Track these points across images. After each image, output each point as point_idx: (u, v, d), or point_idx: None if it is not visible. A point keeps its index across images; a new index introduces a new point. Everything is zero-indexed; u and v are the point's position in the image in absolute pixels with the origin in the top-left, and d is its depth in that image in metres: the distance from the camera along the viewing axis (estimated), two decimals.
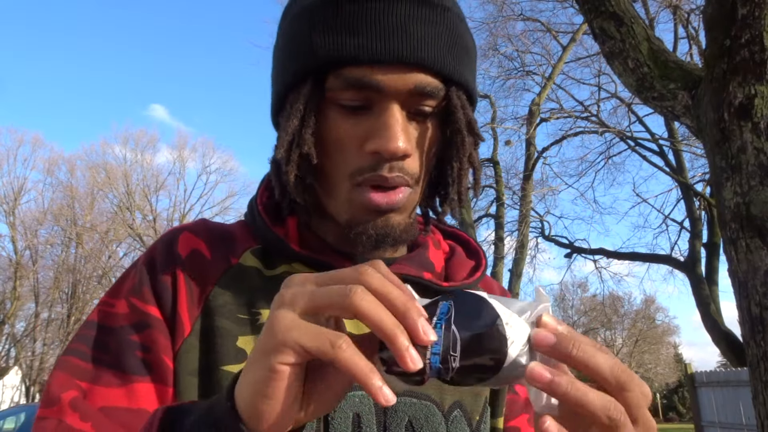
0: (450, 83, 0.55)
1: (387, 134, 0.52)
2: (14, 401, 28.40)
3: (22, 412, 6.97)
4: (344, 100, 0.53)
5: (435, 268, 0.64)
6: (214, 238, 0.61)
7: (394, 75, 0.52)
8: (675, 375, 38.25)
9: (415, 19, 0.52)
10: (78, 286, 29.61)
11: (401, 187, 0.55)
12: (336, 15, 0.52)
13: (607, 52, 3.46)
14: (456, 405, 0.58)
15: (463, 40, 0.56)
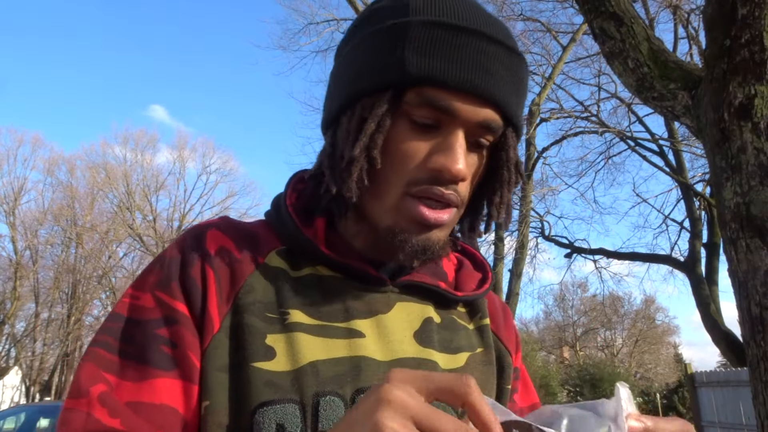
0: (509, 123, 0.59)
1: (452, 156, 0.55)
2: (14, 401, 28.40)
3: (22, 412, 6.97)
4: (417, 116, 0.57)
5: (448, 278, 0.68)
6: (241, 237, 0.62)
7: (469, 105, 0.55)
8: (675, 375, 38.25)
9: (499, 62, 0.56)
10: (78, 286, 29.61)
11: (450, 208, 0.58)
12: (431, 39, 0.56)
13: (607, 52, 3.46)
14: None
15: (525, 88, 0.61)
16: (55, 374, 30.13)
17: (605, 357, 37.37)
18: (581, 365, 30.55)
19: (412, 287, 0.64)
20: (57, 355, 29.95)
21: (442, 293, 0.64)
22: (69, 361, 30.62)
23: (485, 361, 0.66)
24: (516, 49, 0.59)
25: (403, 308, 0.62)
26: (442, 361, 0.62)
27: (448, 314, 0.66)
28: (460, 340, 0.65)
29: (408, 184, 0.57)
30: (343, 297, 0.60)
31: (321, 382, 0.54)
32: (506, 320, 0.73)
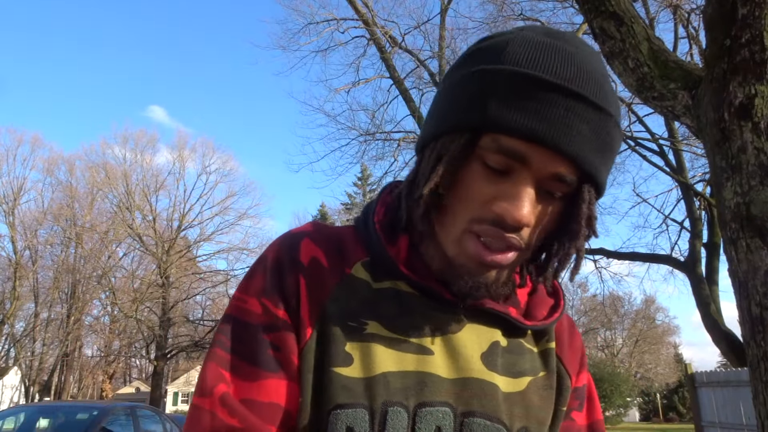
0: (586, 178, 0.60)
1: (517, 203, 0.58)
2: (14, 401, 28.39)
3: (21, 412, 6.96)
4: (490, 161, 0.59)
5: (520, 304, 0.70)
6: (331, 246, 0.67)
7: (543, 157, 0.57)
8: (675, 375, 38.24)
9: (580, 118, 0.57)
10: (78, 286, 29.60)
11: (511, 251, 0.60)
12: (514, 90, 0.58)
13: (607, 52, 3.46)
14: (522, 430, 0.63)
15: (612, 146, 0.61)
16: (55, 374, 30.13)
17: (605, 357, 37.36)
18: None
19: (482, 312, 0.66)
20: (56, 355, 29.95)
21: (511, 321, 0.67)
22: (68, 361, 30.63)
23: (546, 386, 0.68)
24: (606, 108, 0.59)
25: (473, 330, 0.65)
26: (503, 384, 0.64)
27: (517, 338, 0.69)
28: (524, 364, 0.67)
29: (471, 221, 0.60)
30: (417, 314, 0.63)
31: (390, 392, 0.58)
32: (572, 340, 0.74)
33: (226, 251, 28.08)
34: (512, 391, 0.64)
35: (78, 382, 33.48)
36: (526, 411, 0.64)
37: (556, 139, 0.56)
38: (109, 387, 33.39)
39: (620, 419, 29.04)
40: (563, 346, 0.72)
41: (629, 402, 29.74)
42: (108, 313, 31.79)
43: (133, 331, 30.28)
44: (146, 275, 28.59)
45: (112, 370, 34.27)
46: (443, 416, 0.59)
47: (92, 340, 33.54)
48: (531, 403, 0.65)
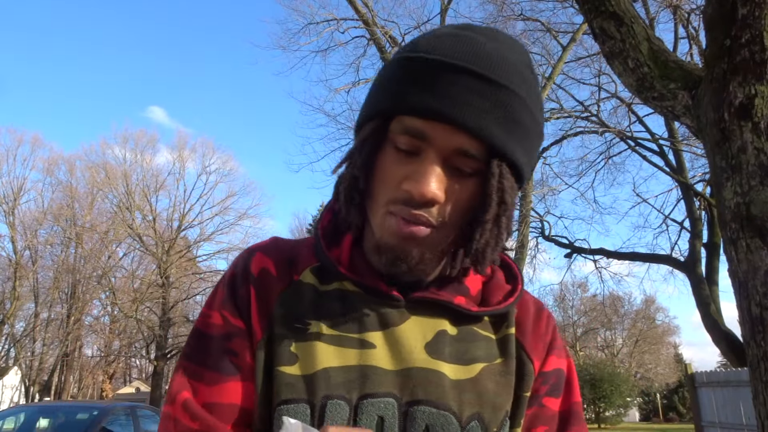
0: (494, 154, 0.62)
1: (422, 180, 0.61)
2: (14, 401, 28.39)
3: (21, 412, 6.96)
4: (399, 143, 0.63)
5: (470, 292, 0.71)
6: (282, 257, 0.72)
7: (444, 133, 0.60)
8: (675, 375, 38.23)
9: (471, 91, 0.60)
10: (78, 286, 29.59)
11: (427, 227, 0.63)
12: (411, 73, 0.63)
13: (607, 52, 3.46)
14: (474, 416, 0.64)
15: (519, 121, 0.63)
16: (55, 374, 30.13)
17: (605, 357, 37.36)
18: (581, 365, 30.53)
19: (426, 302, 0.68)
20: (56, 355, 29.94)
21: (455, 309, 0.68)
22: (68, 361, 30.63)
23: (503, 372, 0.68)
24: (506, 84, 0.61)
25: (417, 322, 0.67)
26: (451, 372, 0.65)
27: (467, 326, 0.69)
28: (477, 351, 0.68)
29: (388, 202, 0.63)
30: (360, 311, 0.67)
31: (331, 387, 0.62)
32: (537, 325, 0.73)
33: (226, 251, 28.09)
34: (462, 378, 0.65)
35: (78, 382, 33.49)
36: (478, 397, 0.64)
37: (452, 113, 0.59)
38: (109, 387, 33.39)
39: (620, 419, 29.02)
40: (525, 331, 0.72)
41: (629, 402, 29.72)
42: (108, 313, 31.81)
43: (133, 331, 30.29)
44: (146, 275, 28.60)
45: (112, 370, 34.28)
46: (386, 406, 0.61)
47: (92, 340, 33.56)
48: (484, 389, 0.65)
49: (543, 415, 0.70)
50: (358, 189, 0.66)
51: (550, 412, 0.70)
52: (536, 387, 0.70)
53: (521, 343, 0.71)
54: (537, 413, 0.70)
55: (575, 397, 0.73)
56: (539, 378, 0.71)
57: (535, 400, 0.70)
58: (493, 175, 0.62)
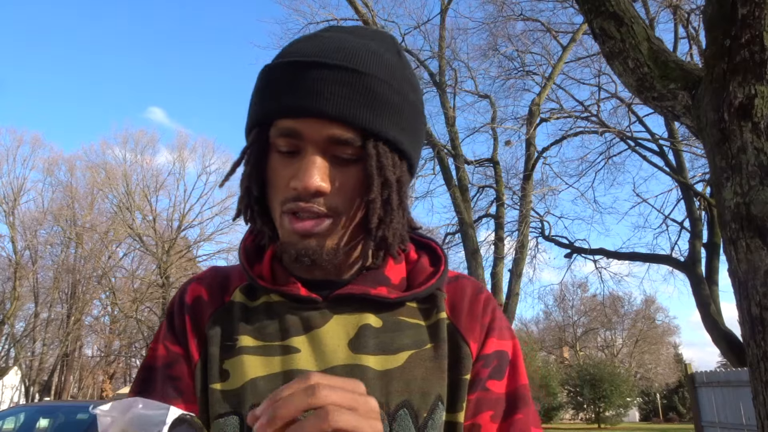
0: (368, 136, 0.64)
1: (303, 174, 0.63)
2: (14, 401, 28.38)
3: (21, 412, 6.96)
4: (280, 146, 0.66)
5: (392, 281, 0.72)
6: (215, 283, 0.76)
7: (313, 127, 0.63)
8: (675, 375, 38.23)
9: (330, 82, 0.63)
10: (78, 286, 29.59)
11: (320, 218, 0.65)
12: (276, 76, 0.66)
13: (607, 52, 3.46)
14: (402, 404, 0.64)
15: (382, 98, 0.65)
16: (55, 374, 30.11)
17: (605, 357, 37.35)
18: (581, 365, 30.52)
19: (347, 299, 0.69)
20: (56, 355, 29.93)
21: (376, 300, 0.69)
22: (68, 361, 30.62)
23: (434, 357, 0.68)
24: (357, 68, 0.64)
25: (339, 320, 0.69)
26: (376, 364, 0.66)
27: (393, 316, 0.70)
28: (403, 340, 0.68)
29: (282, 203, 0.66)
30: (283, 318, 0.69)
31: (258, 396, 0.64)
32: (473, 307, 0.73)
33: (226, 251, 28.08)
34: (389, 368, 0.66)
35: (78, 382, 33.48)
36: (406, 385, 0.65)
37: (317, 106, 0.62)
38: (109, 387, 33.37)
39: (620, 419, 29.03)
40: (459, 314, 0.72)
41: (629, 402, 29.71)
42: (108, 313, 31.81)
43: (133, 331, 30.29)
44: (146, 275, 28.61)
45: (112, 370, 34.26)
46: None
47: (92, 340, 33.56)
48: (412, 376, 0.66)
49: (487, 398, 0.69)
50: (253, 198, 0.70)
51: (494, 395, 0.69)
52: (477, 370, 0.70)
53: (455, 326, 0.71)
54: (481, 397, 0.69)
55: (522, 379, 0.72)
56: (479, 361, 0.70)
57: (478, 384, 0.69)
58: (370, 155, 0.65)
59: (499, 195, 13.43)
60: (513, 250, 13.15)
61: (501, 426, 0.68)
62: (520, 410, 0.69)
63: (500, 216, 13.38)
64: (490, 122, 13.98)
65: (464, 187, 13.18)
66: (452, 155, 13.40)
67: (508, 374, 0.71)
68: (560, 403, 29.25)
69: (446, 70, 13.95)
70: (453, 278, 0.77)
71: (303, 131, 0.63)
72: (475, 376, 0.70)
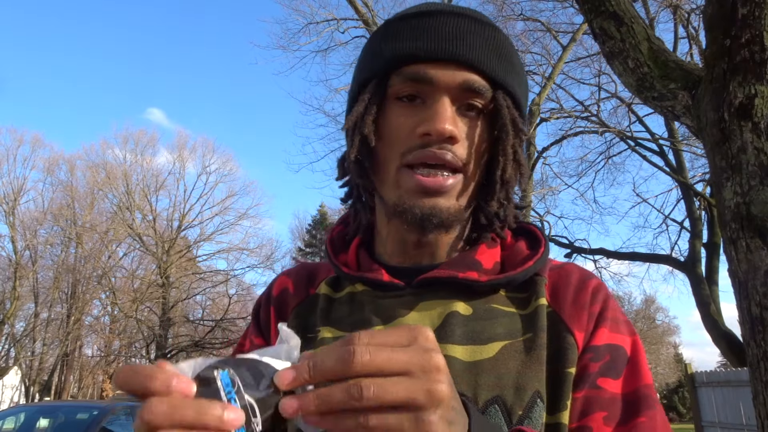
0: (497, 87, 0.64)
1: (436, 118, 0.60)
2: (14, 401, 28.38)
3: (21, 412, 6.96)
4: (403, 94, 0.63)
5: (483, 266, 0.67)
6: (302, 275, 0.77)
7: (446, 71, 0.61)
8: (675, 375, 38.21)
9: (468, 31, 0.63)
10: (78, 286, 29.58)
11: (450, 173, 0.62)
12: (402, 26, 0.65)
13: (607, 52, 3.46)
14: (494, 400, 0.58)
15: (509, 55, 0.65)
16: (55, 374, 30.10)
17: None
18: None
19: (433, 284, 0.65)
20: (56, 355, 29.92)
21: (466, 285, 0.64)
22: (68, 361, 30.60)
23: (530, 347, 0.61)
24: (489, 22, 0.65)
25: (425, 307, 0.65)
26: (464, 354, 0.60)
27: (485, 304, 0.65)
28: (496, 329, 0.63)
29: (402, 155, 0.62)
30: (366, 308, 0.66)
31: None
32: (579, 294, 0.65)
33: (226, 251, 28.07)
34: (478, 360, 0.60)
35: (78, 382, 33.48)
36: (498, 379, 0.59)
37: (450, 50, 0.61)
38: (109, 387, 33.36)
39: None
40: (563, 301, 0.65)
41: None
42: (108, 313, 31.80)
43: (133, 331, 30.28)
44: (146, 275, 28.60)
45: (112, 370, 34.25)
46: None
47: (92, 340, 33.54)
48: (506, 369, 0.59)
49: (599, 397, 0.60)
50: (368, 150, 0.65)
51: (608, 395, 0.60)
52: (584, 363, 0.61)
53: (558, 314, 0.64)
54: (591, 395, 0.60)
55: (644, 378, 0.62)
56: (587, 353, 0.62)
57: (587, 379, 0.60)
58: (501, 106, 0.63)
59: None
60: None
61: (618, 430, 0.58)
62: (642, 413, 0.58)
63: None
64: None
65: None
66: None
67: (626, 373, 0.62)
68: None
69: None
70: (557, 266, 0.70)
71: (435, 76, 0.61)
72: (583, 370, 0.61)
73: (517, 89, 0.66)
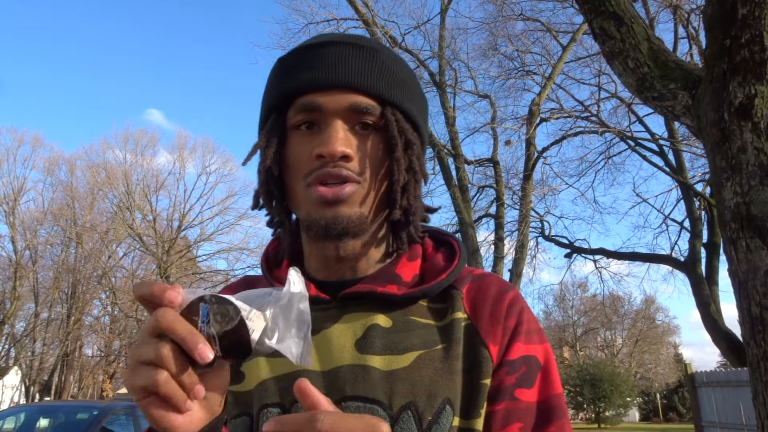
0: (385, 104, 0.68)
1: (328, 141, 0.65)
2: (14, 401, 28.38)
3: (21, 412, 6.96)
4: (299, 123, 0.68)
5: (403, 279, 0.71)
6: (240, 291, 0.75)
7: (334, 97, 0.66)
8: (675, 375, 38.23)
9: (350, 56, 0.68)
10: (78, 286, 29.57)
11: (347, 183, 0.66)
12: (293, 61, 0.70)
13: (607, 52, 3.46)
14: (407, 406, 0.63)
15: (395, 73, 0.70)
16: (55, 374, 30.10)
17: (605, 357, 37.36)
18: (581, 365, 30.52)
19: (355, 299, 0.69)
20: (57, 355, 29.92)
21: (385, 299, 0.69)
22: (69, 361, 30.60)
23: (444, 358, 0.66)
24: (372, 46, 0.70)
25: (348, 320, 0.69)
26: (382, 364, 0.65)
27: (404, 316, 0.69)
28: (412, 340, 0.67)
29: (304, 177, 0.67)
30: None
31: (268, 396, 0.66)
32: (496, 308, 0.69)
33: (226, 251, 28.08)
34: (395, 369, 0.64)
35: (78, 382, 33.48)
36: (412, 386, 0.63)
37: (335, 77, 0.66)
38: (109, 387, 33.37)
39: (620, 419, 29.01)
40: (480, 315, 0.69)
41: (629, 402, 29.71)
42: (108, 313, 31.82)
43: (133, 331, 30.28)
44: (146, 275, 28.60)
45: (112, 370, 34.25)
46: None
47: (92, 340, 33.56)
48: (419, 377, 0.64)
49: (516, 409, 0.65)
50: (274, 179, 0.71)
51: (523, 405, 0.65)
52: (500, 378, 0.66)
53: (475, 327, 0.68)
54: (509, 408, 0.65)
55: (555, 388, 0.67)
56: (503, 367, 0.66)
57: (505, 393, 0.65)
58: (390, 120, 0.68)
59: (499, 195, 13.43)
60: (513, 250, 13.16)
61: None
62: (553, 422, 0.64)
63: (500, 216, 13.38)
64: (490, 122, 13.98)
65: (464, 187, 13.18)
66: (452, 155, 13.40)
67: (540, 382, 0.67)
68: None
69: (446, 70, 13.95)
70: (478, 276, 0.73)
71: (324, 103, 0.66)
72: (500, 384, 0.66)
73: (407, 103, 0.70)
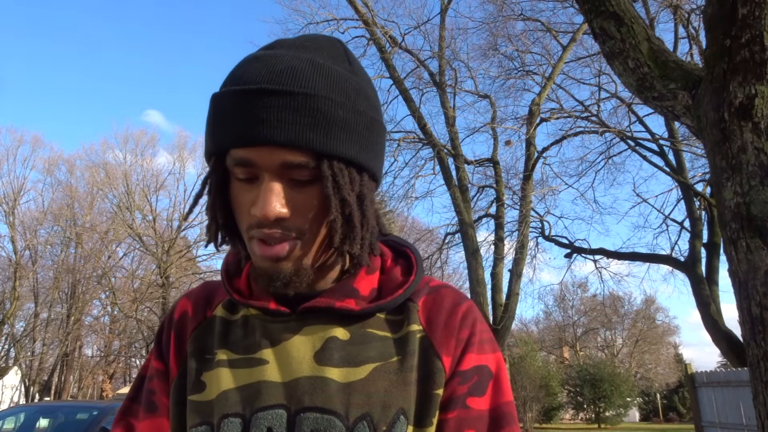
0: (322, 156, 0.64)
1: (261, 203, 0.63)
2: (14, 401, 28.37)
3: (21, 412, 6.96)
4: (237, 175, 0.66)
5: (361, 293, 0.72)
6: (201, 297, 0.80)
7: (265, 154, 0.63)
8: (675, 375, 38.23)
9: (277, 108, 0.62)
10: (77, 286, 29.58)
11: (285, 242, 0.65)
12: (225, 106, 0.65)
13: (607, 52, 3.46)
14: (363, 417, 0.64)
15: (331, 118, 0.64)
16: (55, 374, 30.11)
17: (605, 357, 37.34)
18: (581, 365, 30.53)
19: (316, 312, 0.70)
20: (56, 355, 29.93)
21: (342, 313, 0.69)
22: (68, 361, 30.61)
23: (398, 369, 0.68)
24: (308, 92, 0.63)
25: (308, 332, 0.70)
26: (339, 376, 0.66)
27: (361, 328, 0.70)
28: (369, 352, 0.68)
29: (246, 230, 0.67)
30: (256, 331, 0.72)
31: (228, 406, 0.67)
32: (450, 320, 0.71)
33: (226, 251, 28.09)
34: (351, 381, 0.66)
35: (78, 382, 33.48)
36: (368, 398, 0.65)
37: (263, 135, 0.62)
38: (109, 387, 33.36)
39: (620, 419, 29.02)
40: (435, 328, 0.71)
41: (629, 402, 29.72)
42: (108, 313, 31.82)
43: (133, 331, 30.30)
44: (146, 275, 28.61)
45: (112, 370, 34.26)
46: (274, 417, 0.65)
47: (92, 340, 33.56)
48: (375, 389, 0.65)
49: (468, 416, 0.67)
50: (219, 225, 0.71)
51: (475, 413, 0.67)
52: (453, 388, 0.68)
53: (429, 339, 0.70)
54: (462, 416, 0.67)
55: (506, 395, 0.70)
56: (455, 377, 0.68)
57: (458, 401, 0.67)
58: (325, 177, 0.64)
59: (499, 195, 13.43)
60: (513, 250, 13.15)
61: None
62: (503, 429, 0.67)
63: (500, 216, 13.38)
64: (490, 122, 13.98)
65: (464, 187, 13.18)
66: (452, 155, 13.40)
67: (491, 390, 0.69)
68: (560, 403, 29.24)
69: (446, 70, 13.95)
70: (434, 288, 0.75)
71: (256, 160, 0.63)
72: (452, 393, 0.68)
73: (346, 148, 0.65)
